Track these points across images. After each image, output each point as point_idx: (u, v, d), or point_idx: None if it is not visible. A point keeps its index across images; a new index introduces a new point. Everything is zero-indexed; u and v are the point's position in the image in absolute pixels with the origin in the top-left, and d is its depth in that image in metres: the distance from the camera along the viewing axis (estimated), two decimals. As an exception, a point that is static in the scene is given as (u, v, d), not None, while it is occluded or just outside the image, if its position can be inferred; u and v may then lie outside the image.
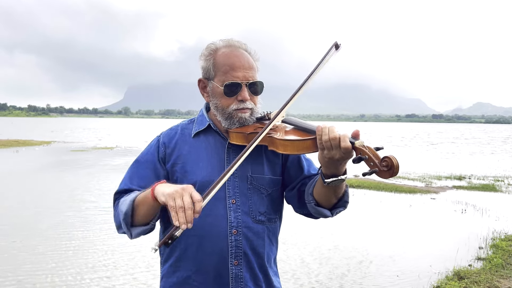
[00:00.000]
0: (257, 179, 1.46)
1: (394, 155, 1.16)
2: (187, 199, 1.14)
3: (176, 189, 1.16)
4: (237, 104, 1.42)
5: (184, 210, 1.13)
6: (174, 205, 1.13)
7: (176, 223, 1.12)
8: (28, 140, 27.26)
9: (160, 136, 1.53)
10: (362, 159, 1.18)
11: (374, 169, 1.16)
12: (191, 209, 1.13)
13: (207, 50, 1.47)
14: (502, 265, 5.09)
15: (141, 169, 1.47)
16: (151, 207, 1.29)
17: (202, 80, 1.50)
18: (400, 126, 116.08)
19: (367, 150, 1.18)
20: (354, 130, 1.24)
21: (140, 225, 1.36)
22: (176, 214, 1.12)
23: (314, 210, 1.42)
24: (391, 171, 1.14)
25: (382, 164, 1.15)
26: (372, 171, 1.17)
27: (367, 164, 1.19)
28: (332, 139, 1.21)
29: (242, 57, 1.43)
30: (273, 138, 1.35)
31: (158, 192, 1.22)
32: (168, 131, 1.54)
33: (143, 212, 1.32)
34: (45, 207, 8.03)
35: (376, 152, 1.18)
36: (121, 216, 1.34)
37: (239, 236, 1.41)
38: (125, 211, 1.33)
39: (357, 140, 1.21)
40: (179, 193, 1.15)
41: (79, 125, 76.06)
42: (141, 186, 1.43)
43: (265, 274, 1.48)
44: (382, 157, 1.16)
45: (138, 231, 1.36)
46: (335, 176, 1.28)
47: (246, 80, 1.42)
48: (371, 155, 1.17)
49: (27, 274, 4.73)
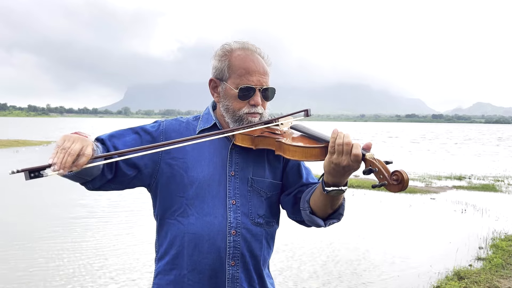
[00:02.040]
0: (257, 182, 1.46)
1: (404, 169, 1.18)
2: (77, 146, 1.10)
3: (74, 136, 1.13)
4: (248, 108, 1.42)
5: (66, 154, 1.08)
6: (60, 144, 1.10)
7: (50, 161, 1.07)
8: (28, 140, 27.26)
9: (162, 122, 1.50)
10: (372, 171, 1.19)
11: (383, 182, 1.18)
12: (72, 156, 1.08)
13: (222, 51, 1.46)
14: (502, 265, 5.09)
15: (128, 137, 1.43)
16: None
17: (214, 79, 1.49)
18: (400, 126, 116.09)
19: (377, 162, 1.20)
20: (367, 142, 1.25)
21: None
22: (56, 153, 1.08)
23: (307, 218, 1.43)
24: (401, 185, 1.16)
25: (392, 178, 1.17)
26: (382, 184, 1.18)
27: (376, 177, 1.20)
28: (345, 143, 1.22)
29: (258, 61, 1.43)
30: (282, 143, 1.35)
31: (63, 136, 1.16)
32: (173, 121, 1.51)
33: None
34: (45, 207, 8.03)
35: (385, 165, 1.20)
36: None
37: (238, 237, 1.41)
38: None
39: (368, 152, 1.23)
40: (73, 138, 1.12)
41: (79, 125, 76.05)
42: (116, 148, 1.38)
43: (259, 276, 1.48)
44: (393, 171, 1.18)
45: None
46: (336, 186, 1.28)
47: (261, 85, 1.42)
48: (381, 168, 1.19)
49: (25, 274, 4.74)
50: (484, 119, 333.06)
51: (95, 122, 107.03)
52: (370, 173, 1.20)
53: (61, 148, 1.08)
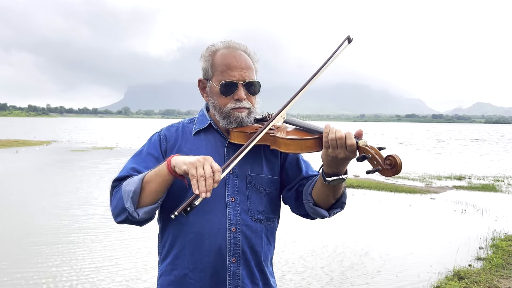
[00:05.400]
0: (256, 178, 1.48)
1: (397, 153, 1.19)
2: (208, 168, 1.17)
3: (198, 158, 1.19)
4: (233, 103, 1.44)
5: (205, 179, 1.15)
6: (195, 173, 1.16)
7: (196, 191, 1.16)
8: (28, 140, 27.27)
9: (160, 132, 1.54)
10: (366, 158, 1.21)
11: (377, 167, 1.20)
12: (211, 178, 1.16)
13: (207, 52, 1.49)
14: (502, 265, 5.08)
15: (143, 160, 1.46)
16: (164, 182, 1.29)
17: (201, 80, 1.53)
18: (401, 126, 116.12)
19: (370, 149, 1.21)
20: (357, 130, 1.27)
21: (146, 205, 1.33)
22: (197, 183, 1.15)
23: (311, 210, 1.44)
24: (395, 169, 1.17)
25: (385, 162, 1.19)
26: (376, 169, 1.20)
27: (370, 163, 1.22)
28: (338, 138, 1.24)
29: (240, 57, 1.45)
30: (276, 137, 1.37)
31: (178, 162, 1.23)
32: (169, 127, 1.55)
33: (153, 189, 1.30)
34: (45, 207, 8.03)
35: (378, 151, 1.21)
36: (128, 195, 1.30)
37: (238, 233, 1.42)
38: (133, 189, 1.29)
39: (360, 139, 1.25)
40: (201, 162, 1.18)
41: (79, 125, 76.10)
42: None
43: (262, 272, 1.49)
44: (386, 156, 1.19)
45: (146, 210, 1.32)
46: (336, 176, 1.30)
47: (243, 79, 1.43)
48: (374, 154, 1.20)
49: (24, 274, 4.73)
50: (484, 119, 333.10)
51: (95, 122, 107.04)
52: (363, 160, 1.22)
53: (199, 176, 1.16)
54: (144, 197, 1.31)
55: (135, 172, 1.41)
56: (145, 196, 1.31)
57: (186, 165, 1.19)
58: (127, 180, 1.35)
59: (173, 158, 1.26)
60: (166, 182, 1.29)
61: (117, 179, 1.41)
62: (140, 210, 1.32)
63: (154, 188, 1.30)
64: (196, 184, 1.15)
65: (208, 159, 1.19)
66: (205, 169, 1.16)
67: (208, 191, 1.15)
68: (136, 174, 1.39)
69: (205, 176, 1.15)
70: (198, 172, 1.16)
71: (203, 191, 1.15)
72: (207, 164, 1.18)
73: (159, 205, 1.36)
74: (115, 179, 1.41)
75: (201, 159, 1.18)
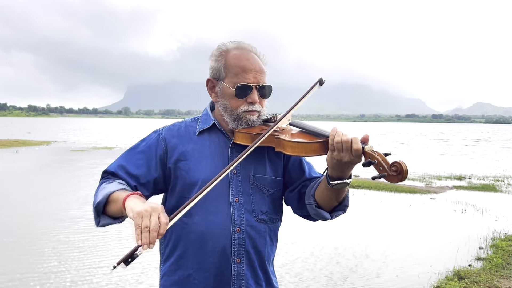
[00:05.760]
0: (259, 179, 1.48)
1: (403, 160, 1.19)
2: (155, 219, 1.13)
3: (146, 208, 1.15)
4: (246, 106, 1.44)
5: (149, 231, 1.12)
6: (140, 224, 1.13)
7: (138, 242, 1.12)
8: (28, 140, 27.27)
9: (161, 131, 1.52)
10: (372, 164, 1.21)
11: (383, 173, 1.20)
12: (156, 231, 1.12)
13: (218, 51, 1.48)
14: (502, 265, 5.08)
15: (135, 158, 1.47)
16: (120, 212, 1.29)
17: (211, 80, 1.51)
18: (401, 126, 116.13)
19: (376, 155, 1.21)
20: (364, 135, 1.28)
21: (110, 217, 1.36)
22: (141, 234, 1.12)
23: (314, 212, 1.44)
24: (400, 176, 1.18)
25: (391, 169, 1.19)
26: (381, 175, 1.20)
27: (376, 169, 1.22)
28: (344, 141, 1.24)
29: (254, 60, 1.45)
30: (281, 139, 1.37)
31: (128, 206, 1.21)
32: (171, 127, 1.54)
33: (113, 210, 1.32)
34: (45, 207, 8.03)
35: (384, 157, 1.22)
36: (94, 203, 1.35)
37: (242, 234, 1.42)
38: (98, 201, 1.33)
39: (367, 145, 1.25)
40: (148, 212, 1.14)
41: (79, 125, 76.09)
42: (130, 174, 1.44)
43: (265, 273, 1.49)
44: (392, 162, 1.20)
45: (106, 222, 1.36)
46: (341, 179, 1.30)
47: (257, 83, 1.44)
48: (380, 159, 1.21)
49: (24, 274, 4.73)
50: (484, 119, 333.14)
51: (95, 122, 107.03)
52: (369, 165, 1.22)
53: (143, 227, 1.12)
54: (107, 210, 1.35)
55: (122, 170, 1.44)
56: (108, 210, 1.34)
57: (132, 213, 1.16)
58: (104, 185, 1.39)
59: (129, 198, 1.23)
60: (122, 212, 1.28)
61: (104, 171, 1.47)
62: (103, 219, 1.36)
63: (114, 211, 1.32)
64: (139, 234, 1.12)
65: (156, 209, 1.15)
66: (151, 220, 1.12)
67: (151, 243, 1.11)
68: (121, 174, 1.44)
69: (150, 228, 1.11)
70: (143, 223, 1.12)
71: (145, 243, 1.11)
72: (154, 216, 1.13)
73: (120, 221, 1.38)
74: (104, 171, 1.48)
75: (148, 209, 1.14)
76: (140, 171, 1.44)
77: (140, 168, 1.45)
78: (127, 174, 1.44)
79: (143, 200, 1.23)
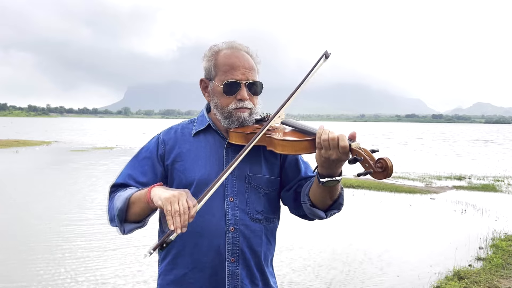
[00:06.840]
0: (254, 179, 1.48)
1: (389, 157, 1.18)
2: (183, 203, 1.16)
3: (173, 193, 1.18)
4: (236, 103, 1.45)
5: (180, 215, 1.15)
6: (170, 209, 1.15)
7: (171, 227, 1.15)
8: (28, 140, 27.26)
9: (160, 134, 1.56)
10: (358, 160, 1.21)
11: (369, 170, 1.20)
12: (186, 214, 1.16)
13: (210, 51, 1.50)
14: (502, 265, 5.08)
15: (140, 165, 1.50)
16: (145, 208, 1.31)
17: (203, 80, 1.53)
18: (401, 126, 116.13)
19: (362, 151, 1.22)
20: (351, 132, 1.28)
21: (132, 222, 1.38)
22: (172, 219, 1.15)
23: (309, 211, 1.44)
24: (385, 172, 1.18)
25: (377, 165, 1.19)
26: (367, 172, 1.20)
27: (362, 165, 1.22)
28: (331, 139, 1.25)
29: (243, 57, 1.47)
30: (272, 138, 1.37)
31: (155, 195, 1.24)
32: (168, 130, 1.57)
33: (137, 211, 1.34)
34: (45, 207, 8.03)
35: (371, 154, 1.22)
36: (115, 211, 1.36)
37: (236, 233, 1.42)
38: (120, 207, 1.35)
39: (354, 142, 1.25)
40: (176, 197, 1.17)
41: (79, 125, 76.11)
42: (138, 182, 1.45)
43: (262, 273, 1.49)
44: (377, 158, 1.19)
45: (131, 228, 1.39)
46: (331, 177, 1.30)
47: (246, 79, 1.44)
48: (367, 156, 1.21)
49: (23, 274, 4.73)
50: (484, 119, 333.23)
51: (95, 122, 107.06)
52: (355, 162, 1.22)
53: (173, 212, 1.16)
54: (130, 215, 1.36)
55: (131, 179, 1.46)
56: (130, 214, 1.36)
57: (161, 201, 1.19)
58: (119, 193, 1.41)
59: (153, 189, 1.27)
60: (147, 209, 1.32)
61: (113, 185, 1.48)
62: (127, 226, 1.38)
63: (137, 211, 1.34)
64: (171, 219, 1.15)
65: (183, 193, 1.19)
66: (180, 204, 1.16)
67: (184, 226, 1.15)
68: (131, 183, 1.45)
69: (180, 212, 1.15)
70: (173, 208, 1.15)
71: (178, 227, 1.14)
72: (183, 199, 1.17)
73: (144, 223, 1.41)
74: (112, 185, 1.48)
75: (176, 194, 1.18)
76: (147, 177, 1.47)
77: (147, 175, 1.47)
78: (137, 183, 1.46)
79: (167, 188, 1.27)
